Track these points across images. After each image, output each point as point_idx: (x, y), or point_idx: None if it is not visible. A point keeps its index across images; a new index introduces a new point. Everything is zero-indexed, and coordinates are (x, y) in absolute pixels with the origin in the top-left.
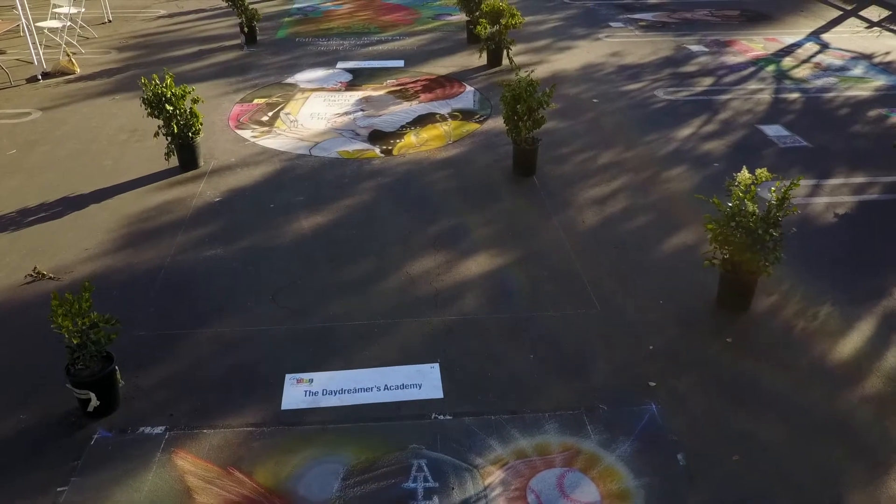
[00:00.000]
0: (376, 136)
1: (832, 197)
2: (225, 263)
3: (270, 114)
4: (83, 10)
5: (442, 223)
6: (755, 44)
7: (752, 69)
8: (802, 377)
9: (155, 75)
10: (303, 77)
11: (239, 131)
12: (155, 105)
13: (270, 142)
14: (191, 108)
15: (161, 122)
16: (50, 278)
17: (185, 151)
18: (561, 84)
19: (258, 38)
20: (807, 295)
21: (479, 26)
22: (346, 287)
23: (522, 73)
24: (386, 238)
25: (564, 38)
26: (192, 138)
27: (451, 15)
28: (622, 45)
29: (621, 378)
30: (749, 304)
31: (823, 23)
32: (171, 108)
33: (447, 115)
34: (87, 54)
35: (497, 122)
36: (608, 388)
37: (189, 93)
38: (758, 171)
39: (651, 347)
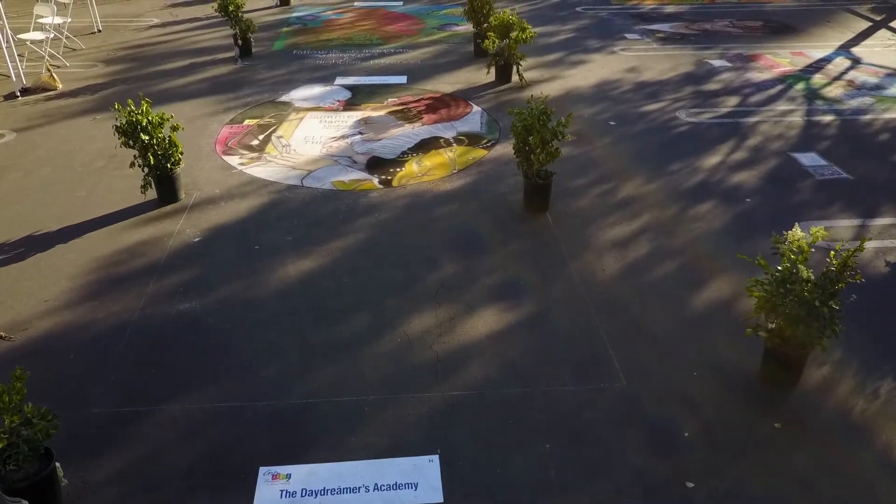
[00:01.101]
0: (375, 164)
1: (881, 241)
2: (199, 319)
3: (261, 137)
4: (69, 19)
5: (445, 269)
6: (781, 58)
7: (779, 87)
8: (868, 475)
9: (130, 101)
10: (298, 95)
11: (226, 157)
12: (129, 134)
13: (259, 170)
14: (169, 137)
15: (136, 153)
16: (1, 338)
17: (163, 184)
18: (575, 104)
19: (253, 50)
20: (864, 364)
21: (486, 40)
22: (335, 351)
23: (534, 99)
24: (381, 288)
25: (577, 50)
26: (171, 169)
27: (457, 25)
28: (639, 60)
29: (653, 475)
30: (798, 379)
31: (852, 35)
32: (147, 138)
33: (452, 140)
34: (72, 67)
35: (506, 148)
36: (638, 489)
37: (167, 120)
38: (813, 229)
39: (686, 434)
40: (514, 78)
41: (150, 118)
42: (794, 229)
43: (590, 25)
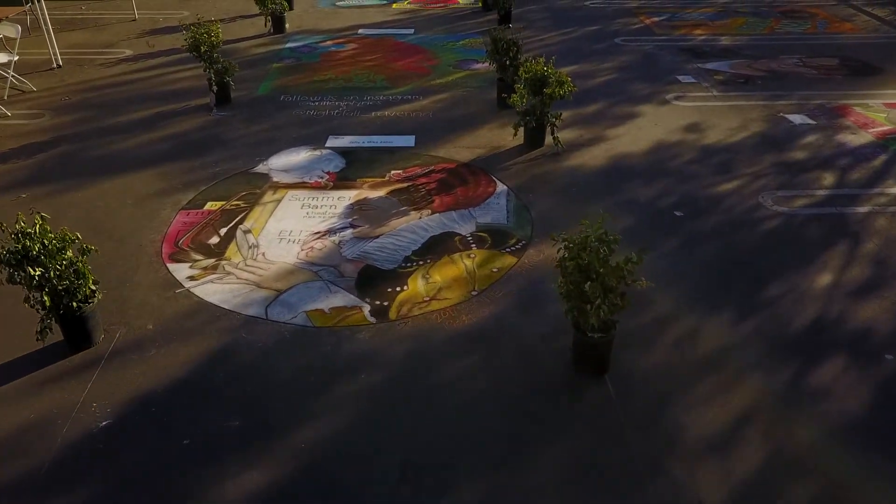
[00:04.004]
0: (368, 279)
1: None
2: None
3: (223, 231)
4: (15, 57)
5: (461, 494)
6: (874, 112)
7: (882, 157)
8: None
9: (20, 215)
10: (279, 162)
11: (172, 266)
12: (15, 265)
13: (213, 290)
14: (76, 266)
15: (26, 289)
16: None
17: (70, 326)
18: (627, 181)
19: (233, 94)
20: None
21: (514, 95)
22: None
23: (590, 220)
24: None
25: (622, 99)
26: (79, 309)
27: (477, 62)
28: (699, 113)
29: None
30: None
31: None
32: (40, 272)
33: (470, 239)
34: (14, 119)
35: (540, 255)
36: None
37: (71, 242)
38: None
39: None
40: (548, 139)
41: (45, 242)
42: None
43: (634, 63)
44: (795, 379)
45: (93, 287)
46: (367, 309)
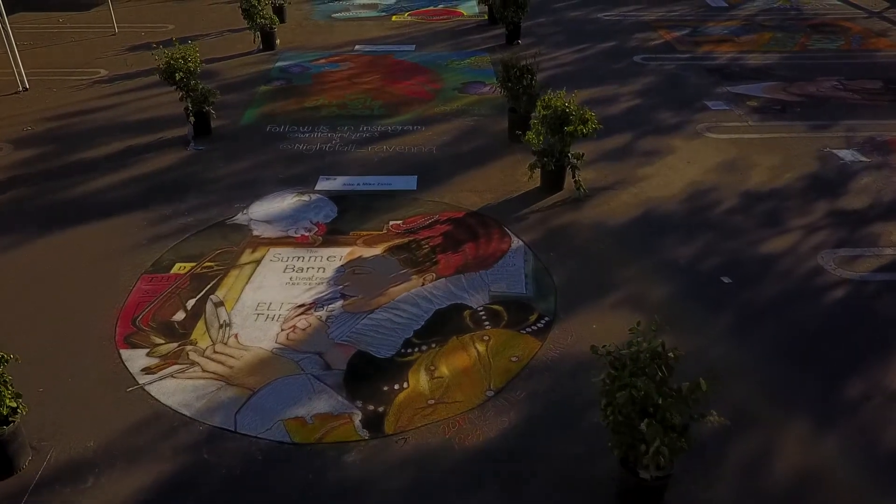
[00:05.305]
0: (360, 373)
1: None
2: None
3: (191, 303)
4: None
5: None
6: None
7: None
8: None
9: None
10: (261, 211)
11: (126, 353)
12: None
13: (173, 387)
14: None
15: None
16: None
17: None
18: (661, 236)
19: (214, 124)
20: None
21: (529, 133)
22: None
23: (639, 331)
24: None
25: (647, 130)
26: None
27: (484, 84)
28: (735, 147)
29: None
30: None
31: None
32: None
33: (482, 313)
34: None
35: (568, 334)
36: None
37: None
38: None
39: None
40: (568, 180)
41: None
42: None
43: (657, 86)
44: None
45: (12, 404)
46: (357, 417)
